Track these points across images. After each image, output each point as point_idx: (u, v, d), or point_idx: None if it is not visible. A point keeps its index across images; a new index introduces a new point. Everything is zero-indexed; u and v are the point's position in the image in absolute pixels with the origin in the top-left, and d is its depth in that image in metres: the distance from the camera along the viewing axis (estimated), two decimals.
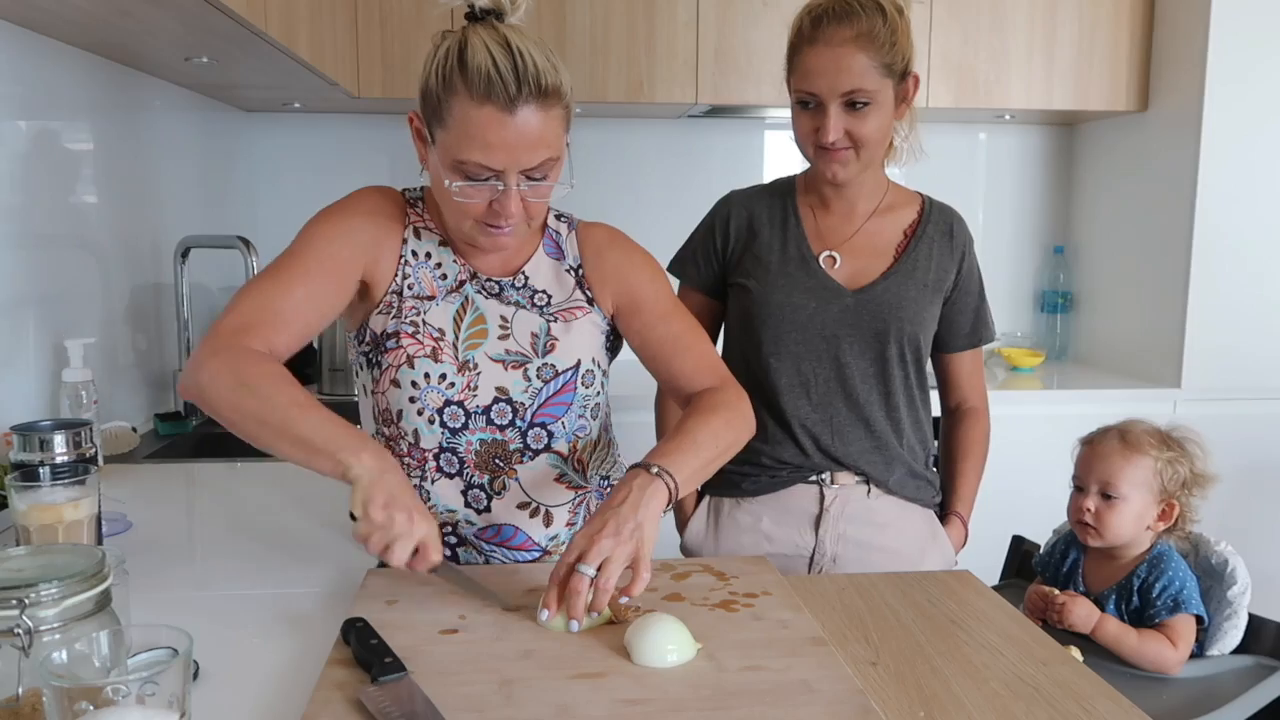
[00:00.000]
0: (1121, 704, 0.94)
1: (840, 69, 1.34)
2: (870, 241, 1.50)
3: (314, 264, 1.17)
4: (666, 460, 1.12)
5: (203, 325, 2.52)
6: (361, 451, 1.03)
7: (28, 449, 1.17)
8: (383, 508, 1.00)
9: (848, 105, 1.36)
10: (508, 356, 1.24)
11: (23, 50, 1.72)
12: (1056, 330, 3.08)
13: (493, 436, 1.24)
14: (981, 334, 1.57)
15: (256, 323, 1.12)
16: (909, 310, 1.47)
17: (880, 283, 1.47)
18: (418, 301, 1.23)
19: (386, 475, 1.03)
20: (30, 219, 1.74)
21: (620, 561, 1.02)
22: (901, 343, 1.48)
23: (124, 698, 0.67)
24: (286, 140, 2.91)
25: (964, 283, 1.53)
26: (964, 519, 1.59)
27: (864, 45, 1.34)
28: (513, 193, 1.11)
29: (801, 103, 1.40)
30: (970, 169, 3.13)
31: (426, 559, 1.03)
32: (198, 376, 1.07)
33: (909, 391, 1.52)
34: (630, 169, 3.00)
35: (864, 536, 1.50)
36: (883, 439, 1.50)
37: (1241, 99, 2.49)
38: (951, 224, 1.53)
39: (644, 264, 1.32)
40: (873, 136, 1.39)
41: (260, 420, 1.05)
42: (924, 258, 1.49)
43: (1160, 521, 1.53)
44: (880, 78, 1.36)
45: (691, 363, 1.28)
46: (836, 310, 1.47)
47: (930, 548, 1.54)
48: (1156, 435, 1.54)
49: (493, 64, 1.06)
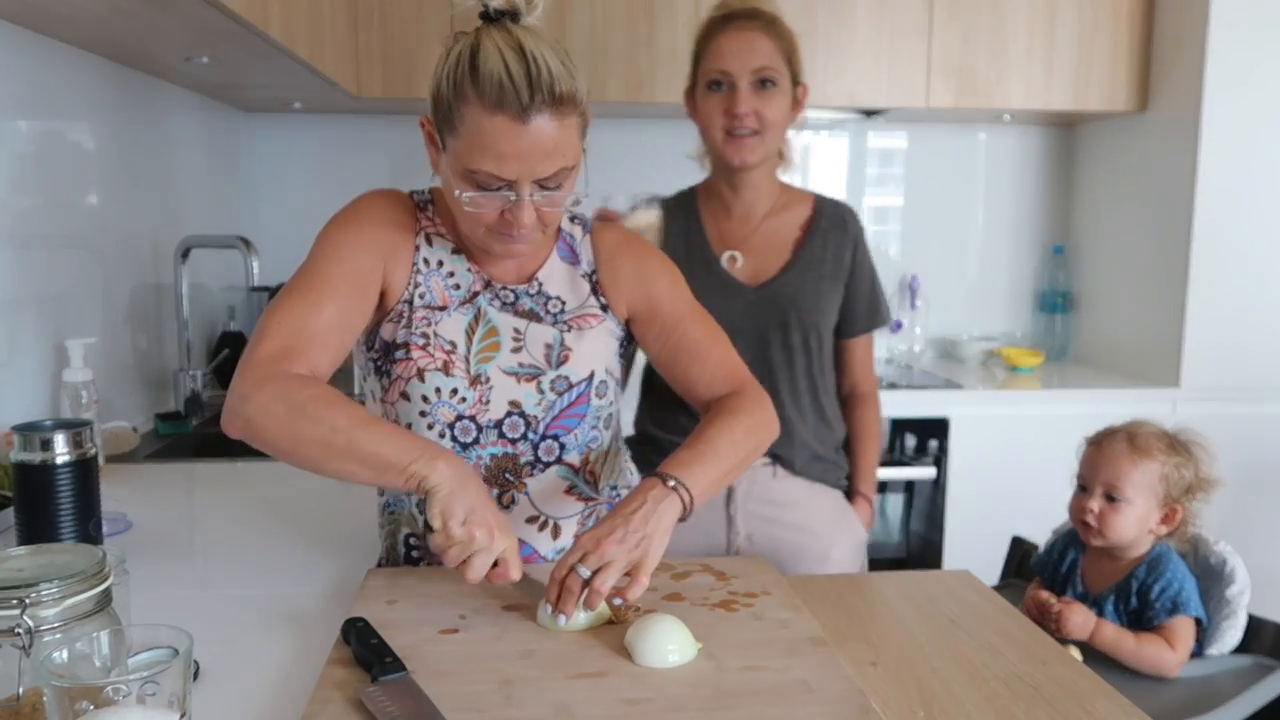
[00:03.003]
0: (1121, 704, 0.94)
1: (752, 49, 1.51)
2: (768, 240, 1.62)
3: (339, 278, 1.13)
4: (684, 472, 1.10)
5: (203, 325, 2.53)
6: (437, 460, 1.01)
7: (28, 449, 1.17)
8: (463, 523, 0.98)
9: (757, 85, 1.51)
10: (520, 369, 1.21)
11: (23, 50, 1.72)
12: (1056, 330, 3.08)
13: (504, 450, 1.22)
14: (874, 320, 1.69)
15: (295, 346, 1.08)
16: (807, 300, 1.58)
17: (780, 278, 1.59)
18: (429, 312, 1.20)
19: (467, 486, 1.01)
20: (31, 219, 1.74)
21: (619, 567, 1.02)
22: (804, 331, 1.59)
23: (124, 698, 0.67)
24: (287, 140, 2.91)
25: (858, 271, 1.64)
26: (868, 497, 1.70)
27: (769, 32, 1.52)
28: (526, 203, 1.08)
29: (712, 84, 1.53)
30: (970, 169, 3.14)
31: (505, 575, 1.02)
32: (245, 410, 1.03)
33: (811, 378, 1.62)
34: (630, 169, 3.00)
35: (773, 515, 1.60)
36: (788, 423, 1.57)
37: (1241, 99, 2.50)
38: (844, 217, 1.65)
39: (659, 268, 1.29)
40: (776, 120, 1.53)
41: (324, 445, 1.01)
42: (819, 250, 1.61)
43: (1163, 525, 1.53)
44: (783, 64, 1.53)
45: (710, 368, 1.26)
46: (740, 306, 1.57)
47: (840, 526, 1.63)
48: (1164, 439, 1.54)
49: (505, 71, 1.03)
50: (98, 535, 1.22)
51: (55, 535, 1.17)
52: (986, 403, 2.59)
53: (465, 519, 0.99)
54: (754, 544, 1.59)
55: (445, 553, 0.99)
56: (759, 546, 1.58)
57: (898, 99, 2.64)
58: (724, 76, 1.51)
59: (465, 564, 0.99)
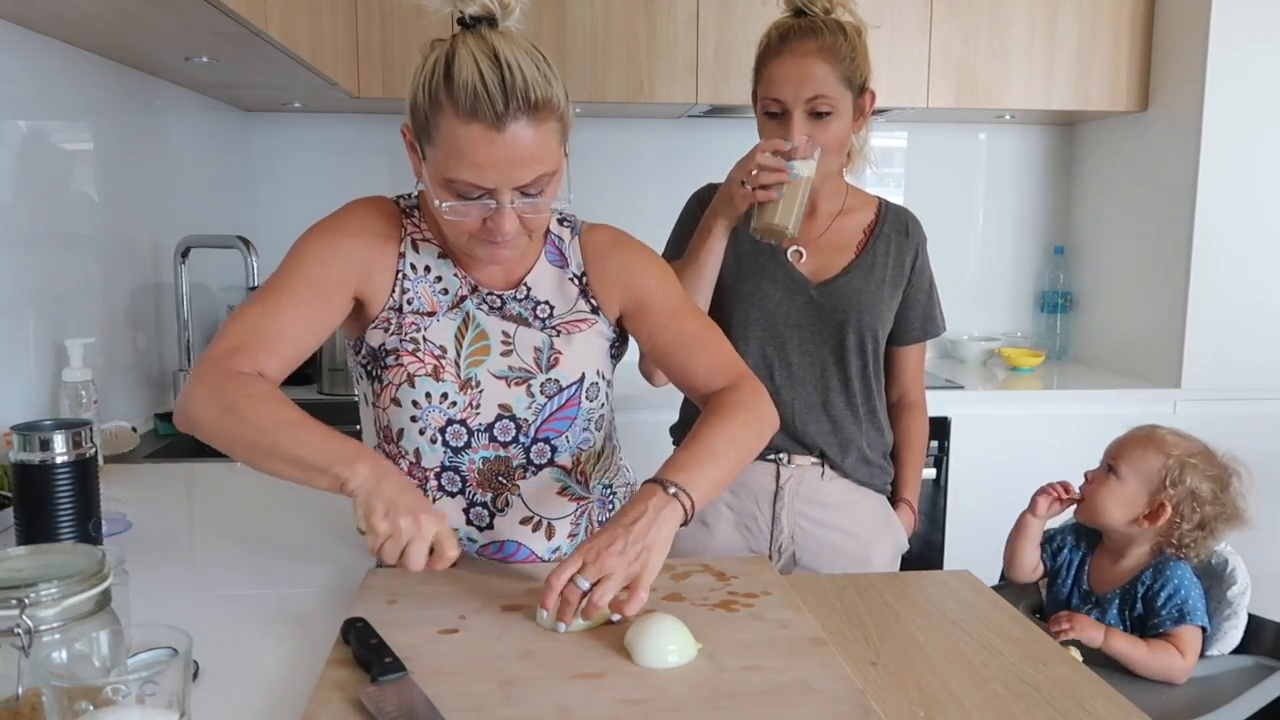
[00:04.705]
0: (1121, 704, 0.94)
1: (805, 76, 1.45)
2: (833, 239, 1.60)
3: (303, 285, 1.15)
4: (683, 476, 1.09)
5: (203, 325, 2.53)
6: (355, 463, 1.01)
7: (28, 449, 1.17)
8: (384, 517, 0.98)
9: (811, 114, 1.46)
10: (510, 373, 1.21)
11: (23, 50, 1.72)
12: (1056, 330, 3.08)
13: (496, 454, 1.22)
14: (929, 329, 1.68)
15: (243, 346, 1.10)
16: (867, 303, 1.57)
17: (842, 277, 1.58)
18: (418, 317, 1.20)
19: (384, 482, 1.01)
20: (31, 219, 1.74)
21: (618, 581, 1.01)
22: (860, 333, 1.57)
23: (124, 698, 0.67)
24: (286, 140, 2.91)
25: (916, 279, 1.63)
26: (912, 505, 1.69)
27: (826, 57, 1.45)
28: (506, 211, 1.08)
29: (768, 113, 1.50)
30: (970, 169, 3.13)
31: (444, 556, 1.01)
32: (187, 406, 1.07)
33: (865, 380, 1.61)
34: (630, 169, 3.00)
35: (818, 516, 1.59)
36: (839, 423, 1.59)
37: (1241, 99, 2.49)
38: (908, 224, 1.64)
39: (649, 264, 1.28)
40: (833, 144, 1.49)
41: (250, 444, 1.04)
42: (882, 254, 1.60)
43: (1147, 521, 1.52)
44: (841, 88, 1.47)
45: (706, 362, 1.24)
46: (801, 301, 1.57)
47: (883, 531, 1.62)
48: (1192, 446, 1.55)
49: (479, 79, 1.02)
50: (97, 535, 1.22)
51: (54, 535, 1.17)
52: (987, 403, 2.59)
53: (386, 512, 0.99)
54: (796, 543, 1.59)
55: (380, 551, 0.99)
56: (801, 545, 1.59)
57: (898, 99, 2.64)
58: (778, 105, 1.48)
59: (403, 556, 0.99)
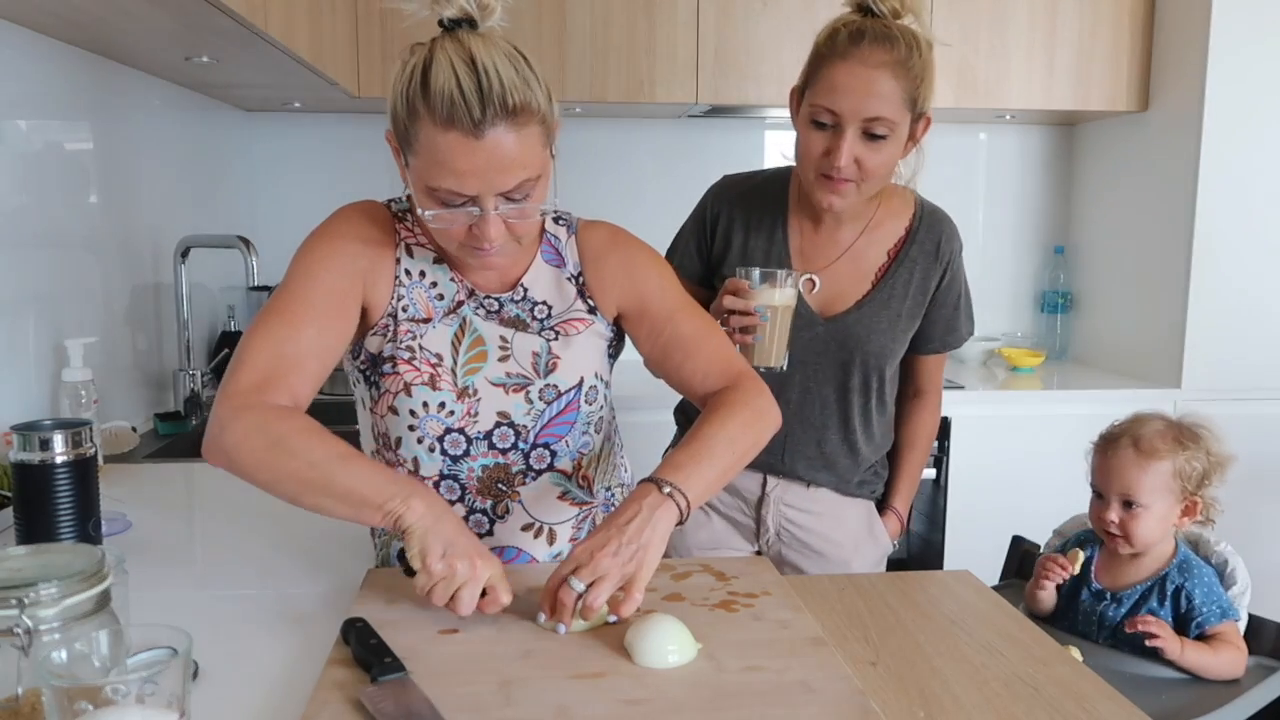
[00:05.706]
0: (1121, 704, 0.94)
1: (870, 91, 1.30)
2: (852, 265, 1.50)
3: (319, 299, 1.12)
4: (679, 475, 1.08)
5: (203, 325, 2.53)
6: (411, 498, 1.00)
7: (28, 449, 1.17)
8: (441, 558, 0.98)
9: (866, 135, 1.33)
10: (508, 380, 1.20)
11: (22, 50, 1.72)
12: (1056, 330, 3.08)
13: (495, 461, 1.21)
14: (949, 341, 1.59)
15: (274, 374, 1.07)
16: (876, 342, 1.49)
17: (854, 312, 1.49)
18: (413, 325, 1.18)
19: (441, 521, 1.00)
20: (30, 219, 1.74)
21: (613, 582, 1.00)
22: (866, 371, 1.51)
23: (124, 697, 0.67)
24: (286, 140, 2.91)
25: (941, 297, 1.53)
26: (900, 515, 1.64)
27: (897, 72, 1.30)
28: (491, 217, 1.06)
29: (817, 122, 1.35)
30: (970, 169, 3.13)
31: (496, 601, 1.00)
32: (223, 441, 1.02)
33: (866, 414, 1.55)
34: (630, 169, 3.00)
35: (802, 521, 1.58)
36: (831, 458, 1.55)
37: (1241, 99, 2.49)
38: (939, 241, 1.51)
39: (647, 263, 1.26)
40: (878, 170, 1.35)
41: (301, 480, 1.01)
42: (902, 284, 1.50)
43: (1184, 518, 1.52)
44: (903, 110, 1.33)
45: (704, 363, 1.23)
46: (806, 338, 1.48)
47: (866, 539, 1.60)
48: (1169, 433, 1.51)
49: (456, 85, 1.00)
50: (97, 535, 1.22)
51: (54, 535, 1.17)
52: (987, 403, 2.59)
53: (444, 553, 0.98)
54: (782, 542, 1.58)
55: (431, 591, 0.98)
56: (786, 545, 1.58)
57: None
58: (832, 118, 1.33)
59: (453, 599, 0.98)
